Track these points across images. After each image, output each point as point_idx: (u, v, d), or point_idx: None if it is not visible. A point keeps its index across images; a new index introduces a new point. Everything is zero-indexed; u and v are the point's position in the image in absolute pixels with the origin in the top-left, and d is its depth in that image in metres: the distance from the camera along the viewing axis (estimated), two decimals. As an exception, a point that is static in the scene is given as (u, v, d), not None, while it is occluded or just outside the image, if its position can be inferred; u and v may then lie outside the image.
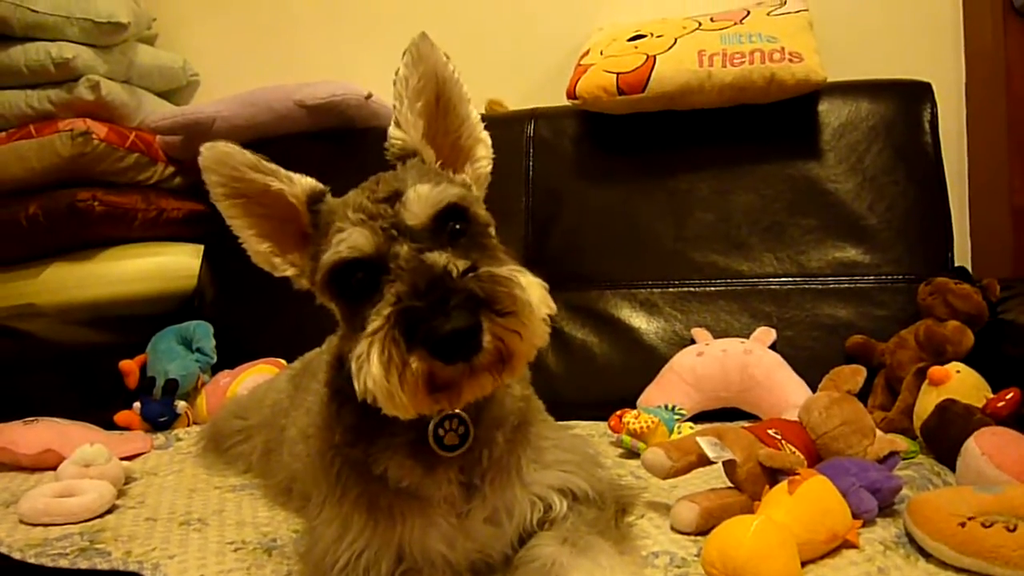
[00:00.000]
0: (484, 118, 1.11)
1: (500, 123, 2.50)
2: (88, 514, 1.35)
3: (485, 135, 1.11)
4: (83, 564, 1.20)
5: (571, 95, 2.21)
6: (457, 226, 0.97)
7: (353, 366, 0.87)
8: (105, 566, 1.19)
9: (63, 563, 1.20)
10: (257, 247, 1.07)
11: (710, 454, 1.17)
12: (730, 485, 1.20)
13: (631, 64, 2.15)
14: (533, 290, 0.89)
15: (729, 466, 1.19)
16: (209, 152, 1.06)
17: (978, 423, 1.32)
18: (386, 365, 0.83)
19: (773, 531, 0.94)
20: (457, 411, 0.99)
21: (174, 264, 2.60)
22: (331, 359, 1.12)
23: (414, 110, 1.06)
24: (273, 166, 1.05)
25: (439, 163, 1.09)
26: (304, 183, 1.05)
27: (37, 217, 2.41)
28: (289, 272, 1.08)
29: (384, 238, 0.92)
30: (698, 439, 1.19)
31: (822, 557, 1.01)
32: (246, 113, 2.60)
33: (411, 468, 1.01)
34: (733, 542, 0.92)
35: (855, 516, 1.06)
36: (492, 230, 1.03)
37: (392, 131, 1.07)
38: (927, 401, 1.51)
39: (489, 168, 1.11)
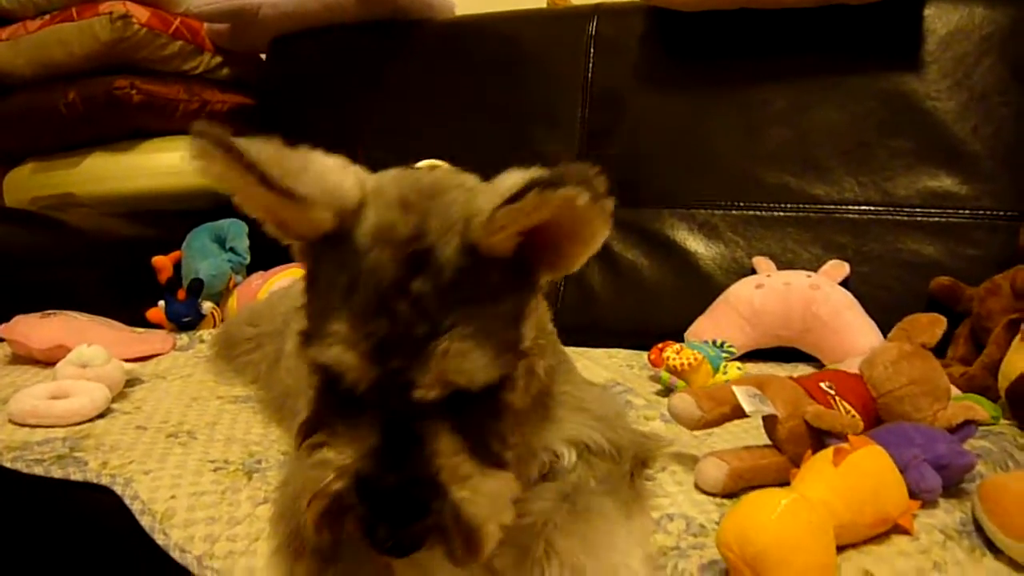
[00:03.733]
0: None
1: (559, 18, 2.35)
2: (77, 418, 1.28)
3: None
4: (57, 473, 1.13)
5: (639, -12, 1.98)
6: (472, 398, 0.71)
7: (287, 472, 0.83)
8: (79, 477, 1.11)
9: (37, 470, 1.14)
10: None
11: (746, 407, 1.00)
12: (769, 443, 1.03)
13: (708, -47, 1.90)
14: (489, 529, 0.71)
15: (769, 422, 1.03)
16: (199, 142, 0.66)
17: (1078, 391, 1.12)
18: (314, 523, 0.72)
19: (806, 513, 0.78)
20: None
21: (216, 159, 2.52)
22: None
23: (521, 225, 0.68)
24: (295, 169, 0.70)
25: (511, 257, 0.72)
26: (327, 212, 0.71)
27: (75, 104, 2.36)
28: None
29: (379, 388, 0.69)
30: (735, 388, 1.02)
31: (865, 543, 0.85)
32: (293, 0, 2.45)
33: None
34: (756, 524, 0.76)
35: (913, 496, 0.89)
36: (514, 397, 0.78)
37: (478, 218, 0.69)
38: (1018, 359, 1.29)
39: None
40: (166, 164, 2.42)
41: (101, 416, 1.31)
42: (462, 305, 0.68)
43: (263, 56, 2.73)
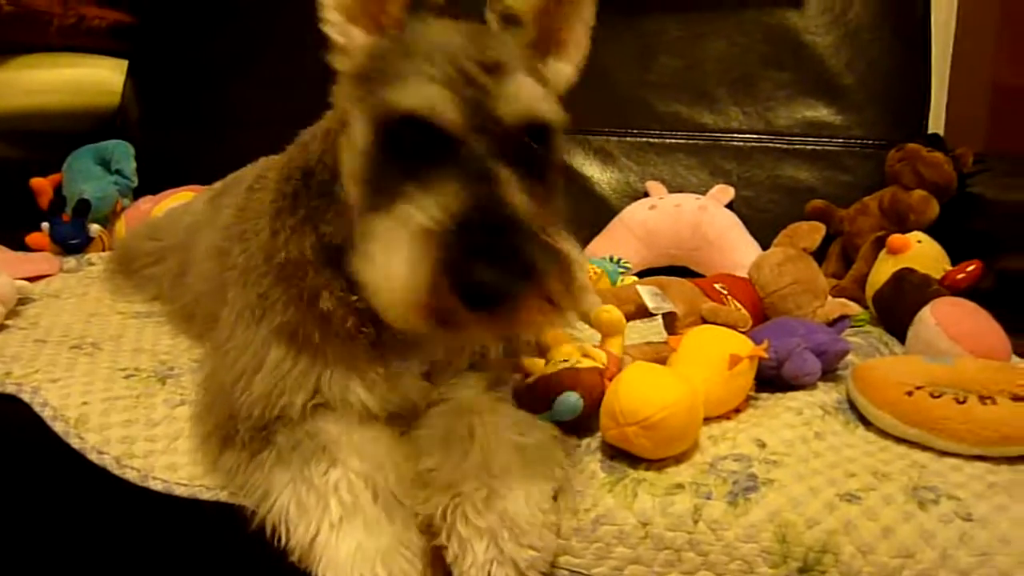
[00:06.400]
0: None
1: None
2: (-30, 333, 1.24)
3: (587, 40, 0.97)
4: (-44, 384, 1.09)
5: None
6: (537, 148, 0.81)
7: (371, 244, 0.74)
8: (-21, 387, 1.09)
9: (-66, 380, 1.10)
10: None
11: (649, 304, 1.08)
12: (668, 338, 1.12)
13: None
14: (583, 282, 0.77)
15: (669, 319, 1.11)
16: None
17: (934, 293, 1.25)
18: (409, 277, 0.70)
19: (655, 372, 0.89)
20: None
21: (95, 78, 2.37)
22: (285, 168, 0.97)
23: None
24: None
25: (533, 47, 0.91)
26: None
27: (-62, 13, 2.17)
28: (336, 38, 0.87)
29: (468, 118, 0.76)
30: (638, 287, 1.10)
31: (756, 418, 0.94)
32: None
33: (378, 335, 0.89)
34: (622, 390, 0.87)
35: (796, 379, 0.99)
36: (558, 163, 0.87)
37: None
38: (883, 270, 1.43)
39: (575, 78, 0.97)
40: (40, 81, 2.27)
41: (-5, 331, 1.27)
42: (521, 63, 0.82)
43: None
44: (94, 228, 1.92)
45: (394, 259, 0.71)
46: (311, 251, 0.90)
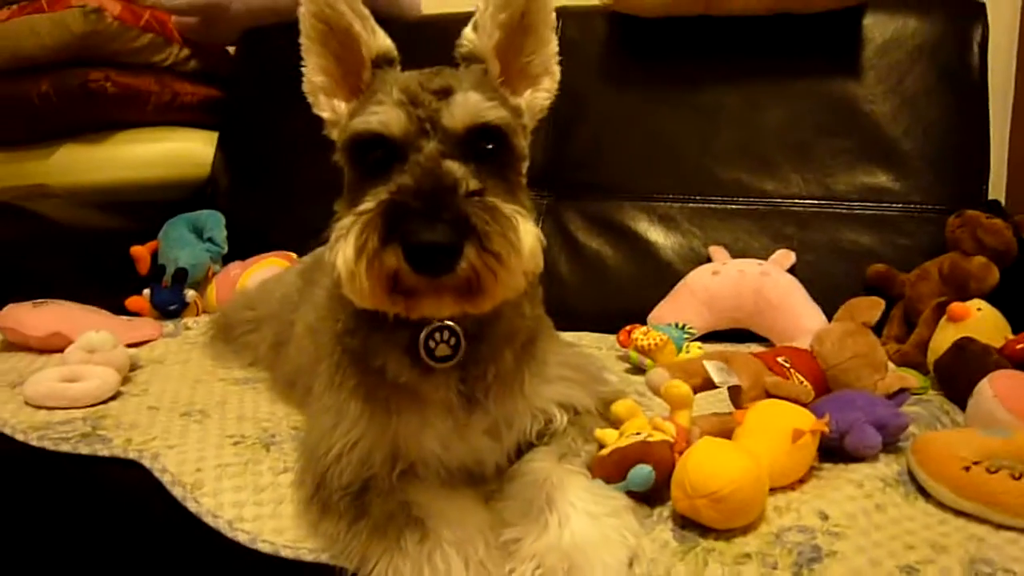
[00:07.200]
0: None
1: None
2: (91, 400, 1.36)
3: (556, 68, 1.09)
4: (84, 450, 1.22)
5: (602, -6, 2.11)
6: (489, 146, 0.95)
7: (332, 237, 0.89)
8: (105, 452, 1.21)
9: (65, 447, 1.22)
10: (313, 77, 1.06)
11: (716, 378, 1.14)
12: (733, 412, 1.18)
13: (667, -37, 2.03)
14: (527, 238, 0.89)
15: (734, 392, 1.17)
16: None
17: (994, 364, 1.28)
18: (359, 249, 0.85)
19: (723, 447, 0.96)
20: (448, 323, 0.98)
21: (187, 151, 2.57)
22: None
23: (495, 20, 1.04)
24: (367, 12, 1.04)
25: (501, 79, 1.06)
26: (382, 43, 1.05)
27: (49, 96, 2.37)
28: (325, 115, 1.07)
29: (416, 128, 0.92)
30: (705, 362, 1.16)
31: (819, 490, 1.00)
32: (264, -4, 2.51)
33: (408, 367, 1.00)
34: (691, 465, 0.93)
35: (856, 452, 1.05)
36: (523, 166, 1.02)
37: (467, 32, 1.05)
38: (944, 337, 1.47)
39: (548, 102, 1.09)
40: (139, 155, 2.46)
41: (113, 398, 1.40)
42: (471, 85, 0.96)
43: (230, 49, 2.78)
44: (190, 294, 2.08)
45: (349, 242, 0.85)
46: (354, 320, 1.03)
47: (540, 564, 0.87)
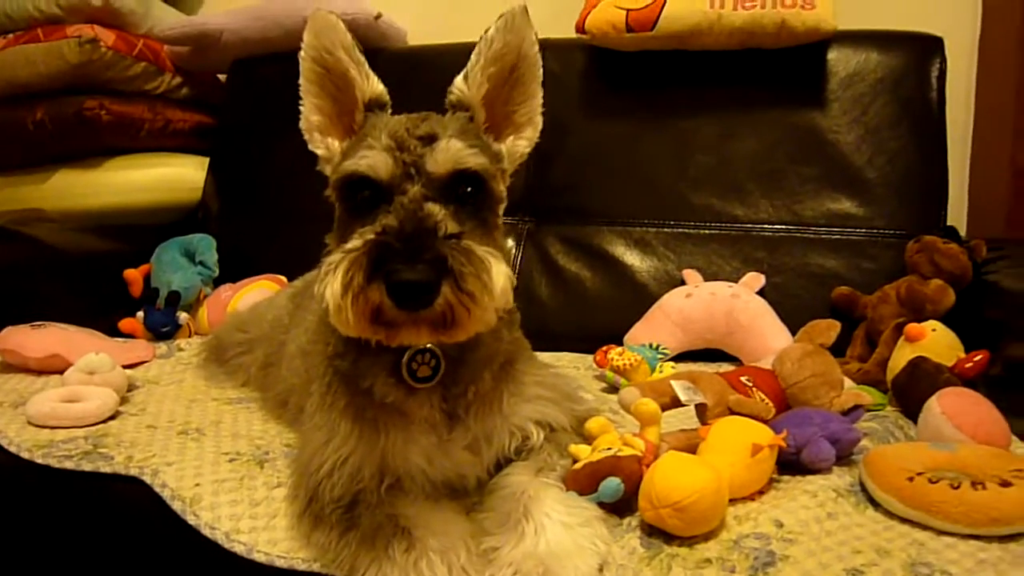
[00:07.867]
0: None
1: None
2: (92, 419, 1.42)
3: (539, 120, 1.17)
4: (87, 467, 1.28)
5: (579, 29, 2.20)
6: (469, 190, 1.04)
7: (322, 271, 0.97)
8: (108, 470, 1.27)
9: (68, 465, 1.29)
10: (310, 115, 1.15)
11: (682, 397, 1.22)
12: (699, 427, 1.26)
13: (642, 1, 2.13)
14: (499, 279, 0.96)
15: (700, 409, 1.26)
16: (319, 16, 1.12)
17: (945, 382, 1.37)
18: (345, 285, 0.93)
19: (686, 461, 1.03)
20: (429, 346, 1.06)
21: (179, 176, 2.64)
22: None
23: (485, 72, 1.12)
24: (362, 58, 1.13)
25: (486, 125, 1.15)
26: (375, 88, 1.13)
27: (44, 123, 2.44)
28: (320, 152, 1.16)
29: (401, 172, 1.00)
30: (672, 382, 1.25)
31: (774, 499, 1.08)
32: (255, 27, 2.60)
33: (394, 387, 1.08)
34: (657, 477, 1.01)
35: (812, 465, 1.13)
36: (500, 208, 1.11)
37: (457, 81, 1.13)
38: (901, 356, 1.56)
39: (528, 150, 1.18)
40: (132, 181, 2.53)
41: (112, 418, 1.46)
42: (455, 132, 1.04)
43: (221, 77, 2.85)
44: (182, 316, 2.14)
45: (337, 278, 0.94)
46: (343, 344, 1.11)
47: (518, 570, 0.94)
